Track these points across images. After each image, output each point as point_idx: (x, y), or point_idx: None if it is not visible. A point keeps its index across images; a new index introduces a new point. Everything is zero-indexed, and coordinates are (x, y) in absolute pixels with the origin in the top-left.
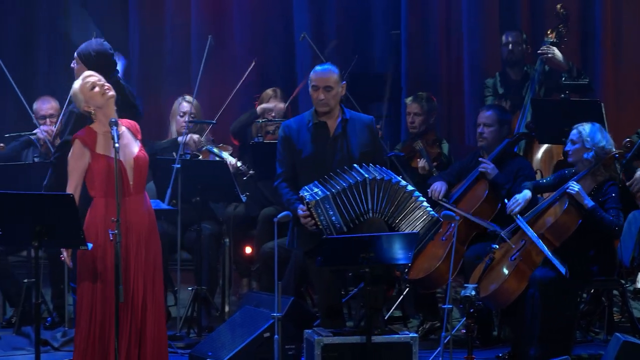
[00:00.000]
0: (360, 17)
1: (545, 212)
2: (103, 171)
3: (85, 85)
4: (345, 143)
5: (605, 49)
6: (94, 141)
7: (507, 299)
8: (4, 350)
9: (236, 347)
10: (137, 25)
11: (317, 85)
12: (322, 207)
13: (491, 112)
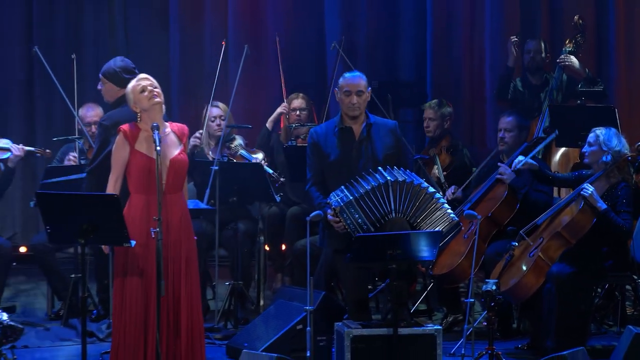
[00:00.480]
0: (388, 26)
1: (561, 211)
2: (139, 168)
3: (136, 87)
4: (370, 147)
5: (619, 57)
6: (135, 138)
7: (526, 293)
8: (52, 341)
9: (270, 338)
10: (177, 36)
11: (349, 90)
12: (348, 212)
13: (512, 117)
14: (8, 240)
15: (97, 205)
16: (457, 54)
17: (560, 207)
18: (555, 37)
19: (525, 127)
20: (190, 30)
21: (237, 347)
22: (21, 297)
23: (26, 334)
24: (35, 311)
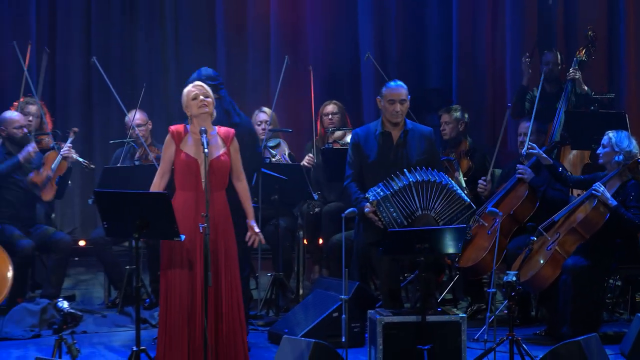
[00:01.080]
0: (416, 37)
1: (576, 209)
2: (182, 167)
3: (190, 92)
4: (405, 151)
5: (629, 65)
6: (181, 138)
7: (544, 284)
8: (109, 327)
9: (309, 325)
10: (223, 49)
11: (393, 99)
12: (384, 205)
13: (529, 123)
14: (68, 235)
15: (149, 202)
16: (481, 62)
17: (575, 205)
18: (570, 49)
19: (544, 132)
20: (235, 42)
21: (278, 332)
22: (80, 286)
23: (85, 321)
24: (93, 300)
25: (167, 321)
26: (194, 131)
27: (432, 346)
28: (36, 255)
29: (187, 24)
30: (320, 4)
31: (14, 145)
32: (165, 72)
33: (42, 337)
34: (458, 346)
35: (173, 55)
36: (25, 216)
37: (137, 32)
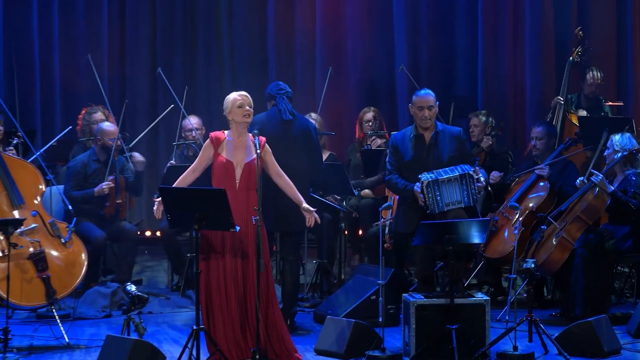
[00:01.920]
0: (445, 53)
1: (580, 199)
2: (220, 169)
3: (236, 100)
4: (437, 150)
5: (636, 77)
6: (220, 143)
7: (555, 267)
8: (172, 308)
9: (350, 306)
10: (274, 58)
11: (422, 106)
12: (432, 188)
13: (541, 127)
14: (136, 226)
15: (208, 197)
16: (502, 73)
17: (579, 195)
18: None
19: (554, 135)
20: (285, 53)
21: (322, 313)
22: (146, 272)
23: (150, 303)
24: (158, 284)
25: (208, 303)
26: (232, 137)
27: (460, 326)
28: (108, 244)
29: (242, 37)
30: (359, 22)
31: (104, 153)
32: (221, 80)
33: (113, 317)
34: (482, 326)
35: (229, 66)
36: (97, 213)
37: (197, 43)
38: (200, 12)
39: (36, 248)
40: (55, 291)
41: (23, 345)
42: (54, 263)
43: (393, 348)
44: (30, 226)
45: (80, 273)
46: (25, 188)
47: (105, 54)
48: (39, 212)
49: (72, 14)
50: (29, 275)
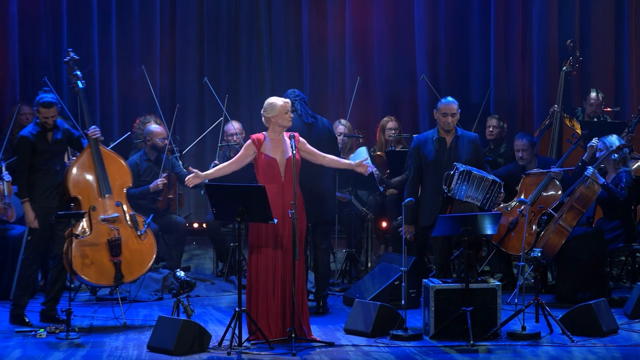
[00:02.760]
0: (461, 64)
1: (575, 190)
2: (264, 166)
3: (284, 106)
4: (456, 153)
5: (632, 86)
6: (261, 143)
7: (553, 251)
8: (217, 292)
9: (375, 291)
10: (308, 68)
11: (446, 113)
12: (463, 176)
13: (525, 140)
14: (184, 219)
15: (249, 193)
16: (513, 81)
17: (573, 188)
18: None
19: (534, 144)
20: (318, 64)
21: (351, 297)
22: (194, 260)
23: (197, 287)
24: (204, 270)
25: (254, 286)
26: (272, 137)
27: (474, 308)
28: (160, 235)
29: (279, 49)
30: (385, 36)
31: (153, 152)
32: (261, 88)
33: (164, 299)
34: (494, 308)
35: (268, 76)
36: (151, 207)
37: (239, 55)
38: (243, 26)
39: (114, 235)
40: (123, 276)
41: (84, 325)
42: (127, 251)
43: (414, 328)
44: (113, 215)
45: (148, 264)
46: (114, 180)
47: (157, 65)
48: (122, 203)
49: (128, 31)
50: (103, 257)
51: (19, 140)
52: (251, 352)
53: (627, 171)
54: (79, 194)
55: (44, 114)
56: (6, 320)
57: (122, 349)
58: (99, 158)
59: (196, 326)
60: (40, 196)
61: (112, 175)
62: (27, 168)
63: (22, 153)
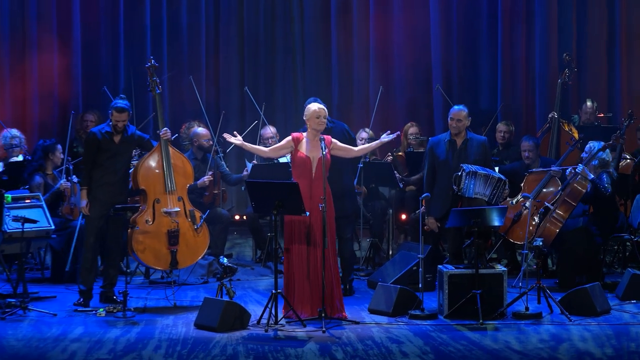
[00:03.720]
0: (472, 76)
1: (567, 186)
2: (299, 162)
3: (317, 111)
4: (466, 153)
5: (623, 94)
6: (299, 142)
7: (549, 239)
8: (255, 276)
9: (396, 275)
10: (336, 79)
11: (453, 118)
12: (470, 176)
13: (530, 142)
14: (227, 212)
15: (284, 189)
16: (518, 87)
17: (566, 184)
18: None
19: (538, 145)
20: (344, 74)
21: (374, 281)
22: (235, 248)
23: (238, 272)
24: (244, 257)
25: (289, 271)
26: (309, 138)
27: (482, 291)
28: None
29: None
30: (404, 49)
31: (200, 152)
32: (295, 98)
33: (209, 283)
34: (501, 291)
35: (301, 85)
36: (198, 201)
37: (275, 66)
38: (278, 42)
39: (174, 227)
40: (177, 263)
41: (138, 305)
42: (183, 242)
43: (430, 308)
44: (174, 209)
45: (200, 255)
46: (179, 177)
47: (203, 76)
48: (183, 198)
49: (178, 46)
50: (162, 245)
51: (88, 136)
52: (286, 329)
53: (606, 172)
54: (146, 187)
55: (116, 118)
56: (71, 301)
57: (172, 327)
58: (167, 156)
59: (237, 306)
60: (96, 189)
61: (176, 172)
62: (90, 161)
63: (88, 147)
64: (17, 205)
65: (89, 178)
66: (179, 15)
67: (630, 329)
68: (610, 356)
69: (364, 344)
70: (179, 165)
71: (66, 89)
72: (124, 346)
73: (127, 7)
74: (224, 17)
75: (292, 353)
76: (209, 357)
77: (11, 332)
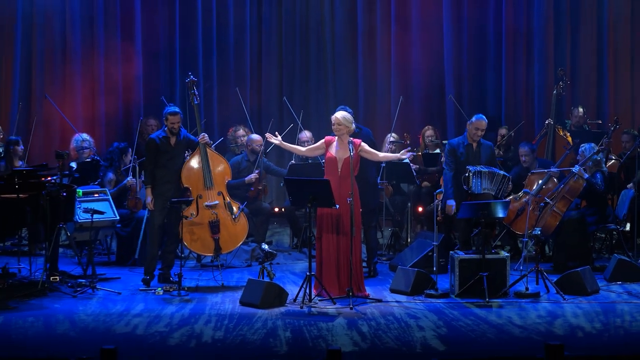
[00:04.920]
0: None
1: (566, 183)
2: (328, 162)
3: (332, 119)
4: (478, 155)
5: (610, 103)
6: (330, 144)
7: (550, 230)
8: (292, 260)
9: (413, 260)
10: (362, 90)
11: (478, 127)
12: (477, 175)
13: (527, 147)
14: (268, 205)
15: (317, 185)
16: (520, 97)
17: (564, 182)
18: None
19: (534, 150)
20: (369, 85)
21: (395, 264)
22: (275, 236)
23: (277, 256)
24: (283, 244)
25: (322, 256)
26: (339, 140)
27: (489, 274)
28: (250, 217)
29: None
30: (421, 63)
31: (252, 155)
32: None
33: (252, 266)
34: (504, 273)
35: (332, 96)
36: (244, 195)
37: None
38: (312, 57)
39: (214, 218)
40: (220, 249)
41: (191, 285)
42: (224, 230)
43: (443, 288)
44: (214, 202)
45: (240, 241)
46: (217, 175)
47: (247, 87)
48: (222, 193)
49: (225, 61)
50: (206, 234)
51: (147, 142)
52: (318, 306)
53: (600, 171)
54: (190, 185)
55: (171, 121)
56: (134, 282)
57: (220, 304)
58: (205, 158)
59: (277, 286)
60: (159, 186)
61: (215, 171)
62: (152, 162)
63: (149, 151)
64: (87, 199)
65: (152, 177)
66: (226, 35)
67: (616, 306)
68: (598, 330)
69: (385, 319)
70: (217, 164)
71: (129, 95)
72: (179, 320)
73: (182, 26)
74: (266, 37)
75: (323, 327)
76: (252, 330)
77: (82, 308)
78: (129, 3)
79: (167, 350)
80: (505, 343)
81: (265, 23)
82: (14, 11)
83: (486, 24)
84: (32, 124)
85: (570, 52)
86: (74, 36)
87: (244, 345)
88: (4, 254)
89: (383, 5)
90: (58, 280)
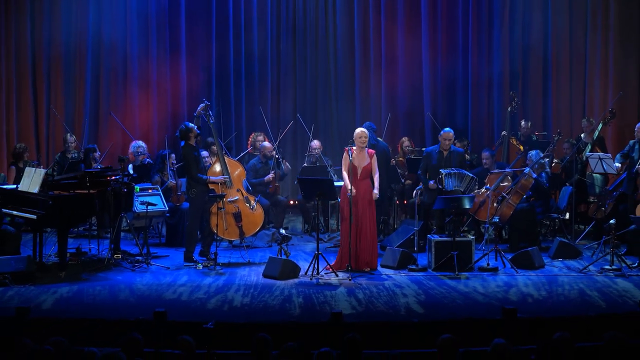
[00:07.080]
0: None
1: (519, 181)
2: (349, 169)
3: (359, 133)
4: (450, 161)
5: (554, 116)
6: (350, 153)
7: (505, 217)
8: (304, 242)
9: (399, 241)
10: (359, 109)
11: (445, 138)
12: (449, 177)
13: (487, 152)
14: (285, 198)
15: (323, 184)
16: (482, 113)
17: (518, 179)
18: (525, 106)
19: (494, 155)
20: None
21: (385, 245)
22: (290, 223)
23: (292, 239)
24: (296, 229)
25: (343, 236)
26: (357, 150)
27: (458, 252)
28: (270, 208)
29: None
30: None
31: (265, 158)
32: (332, 122)
33: (272, 247)
34: (470, 252)
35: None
36: (265, 190)
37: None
38: (320, 82)
39: (236, 210)
40: (244, 233)
41: (225, 262)
42: (245, 219)
43: (422, 264)
44: (235, 197)
45: (259, 226)
46: (234, 177)
47: (269, 103)
48: (240, 189)
49: (251, 84)
50: (232, 223)
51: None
52: (324, 278)
53: (545, 172)
54: (214, 186)
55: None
56: (180, 259)
57: (247, 276)
58: (224, 164)
59: (291, 262)
60: (202, 184)
61: (233, 174)
62: (195, 168)
63: (190, 159)
64: (143, 194)
65: (199, 176)
66: (252, 64)
67: (558, 278)
68: (544, 296)
69: (377, 288)
70: (233, 168)
71: (175, 108)
72: (215, 289)
73: (217, 57)
74: (283, 67)
75: (328, 294)
76: (272, 296)
77: (139, 279)
78: (176, 43)
79: (205, 312)
80: (471, 307)
81: (282, 56)
82: (85, 34)
83: (456, 63)
84: (99, 133)
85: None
86: (132, 59)
87: (266, 308)
88: (77, 237)
89: (375, 47)
90: (120, 258)
